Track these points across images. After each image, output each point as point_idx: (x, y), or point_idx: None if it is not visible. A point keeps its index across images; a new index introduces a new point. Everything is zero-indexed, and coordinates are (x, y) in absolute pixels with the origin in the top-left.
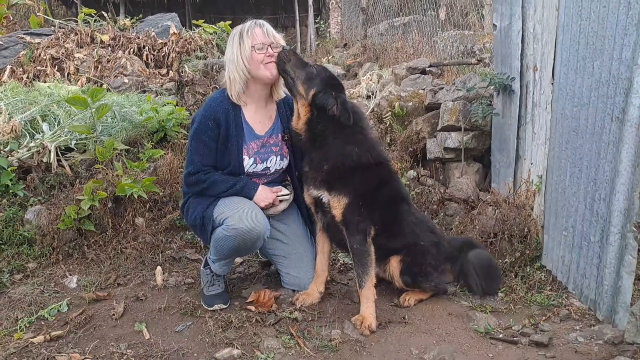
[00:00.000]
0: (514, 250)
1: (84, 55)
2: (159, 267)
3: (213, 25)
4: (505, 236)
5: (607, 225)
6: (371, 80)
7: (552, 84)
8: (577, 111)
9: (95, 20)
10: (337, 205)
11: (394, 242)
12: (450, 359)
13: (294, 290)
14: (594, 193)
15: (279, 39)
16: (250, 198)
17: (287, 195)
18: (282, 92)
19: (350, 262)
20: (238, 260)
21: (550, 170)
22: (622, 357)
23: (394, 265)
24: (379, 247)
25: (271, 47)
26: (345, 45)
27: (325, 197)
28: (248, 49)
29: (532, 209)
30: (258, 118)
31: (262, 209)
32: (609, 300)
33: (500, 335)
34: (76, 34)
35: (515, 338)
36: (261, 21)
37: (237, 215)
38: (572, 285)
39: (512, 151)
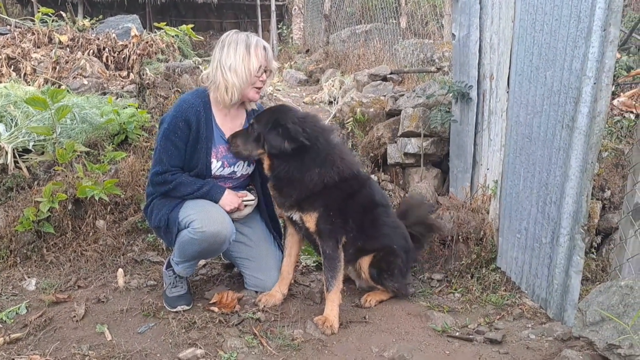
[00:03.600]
0: (470, 253)
1: (42, 55)
2: (120, 270)
3: (175, 28)
4: (462, 239)
5: (558, 227)
6: (333, 86)
7: (508, 92)
8: (530, 119)
9: (53, 20)
10: (310, 219)
11: (368, 244)
12: (409, 356)
13: (256, 292)
14: (545, 197)
15: (273, 64)
16: (216, 201)
17: (252, 200)
18: (254, 105)
19: (312, 264)
20: (201, 262)
21: (505, 175)
22: (569, 350)
23: (365, 258)
24: (356, 249)
25: (265, 72)
26: (307, 51)
27: (296, 215)
28: (255, 67)
29: (487, 213)
30: (228, 123)
31: (227, 212)
32: (559, 298)
33: (457, 334)
34: (33, 33)
35: (470, 336)
36: (264, 42)
37: (203, 218)
38: (525, 285)
39: (469, 157)
